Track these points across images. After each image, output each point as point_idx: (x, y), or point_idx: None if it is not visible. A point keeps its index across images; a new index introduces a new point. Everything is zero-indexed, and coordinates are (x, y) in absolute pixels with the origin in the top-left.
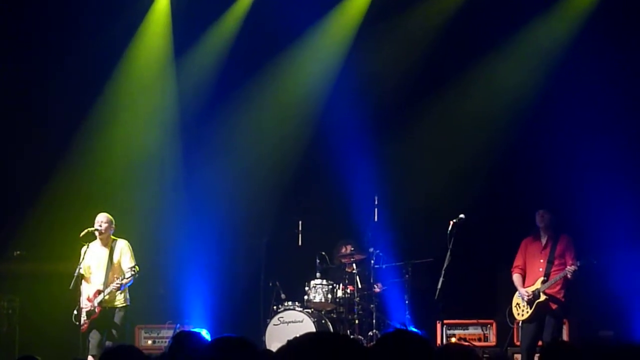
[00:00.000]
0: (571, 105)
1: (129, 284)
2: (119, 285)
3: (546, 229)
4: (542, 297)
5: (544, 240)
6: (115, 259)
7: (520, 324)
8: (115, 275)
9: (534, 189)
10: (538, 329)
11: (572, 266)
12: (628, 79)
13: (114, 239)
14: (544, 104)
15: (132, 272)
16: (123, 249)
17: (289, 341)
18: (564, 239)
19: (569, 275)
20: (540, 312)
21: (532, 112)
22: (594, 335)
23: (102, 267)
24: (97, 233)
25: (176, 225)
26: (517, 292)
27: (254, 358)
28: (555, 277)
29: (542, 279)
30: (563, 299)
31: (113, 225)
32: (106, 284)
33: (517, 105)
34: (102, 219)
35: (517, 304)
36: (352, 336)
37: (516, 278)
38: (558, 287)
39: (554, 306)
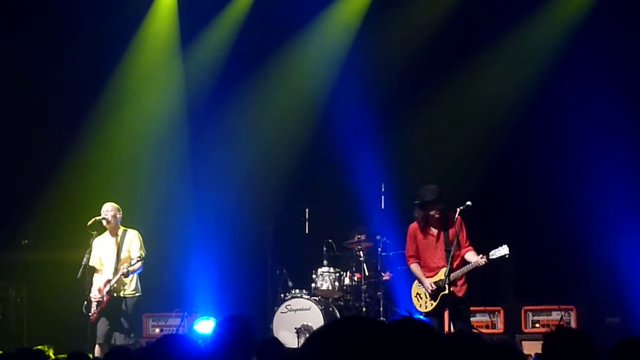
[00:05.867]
0: (576, 95)
1: (138, 271)
2: (125, 271)
3: (441, 217)
4: (447, 290)
5: (438, 228)
6: (124, 249)
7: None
8: (124, 265)
9: (539, 176)
10: (441, 320)
11: (483, 259)
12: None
13: (124, 229)
14: (550, 92)
15: (138, 259)
16: (133, 238)
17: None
18: (455, 222)
19: (479, 264)
20: (445, 303)
21: (538, 100)
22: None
23: (112, 257)
24: (104, 222)
25: (183, 213)
26: (415, 282)
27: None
28: (463, 268)
29: (445, 269)
30: (467, 288)
31: (120, 214)
32: (115, 274)
33: (523, 93)
34: (107, 208)
35: (418, 294)
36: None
37: (416, 267)
38: (463, 279)
39: (460, 294)
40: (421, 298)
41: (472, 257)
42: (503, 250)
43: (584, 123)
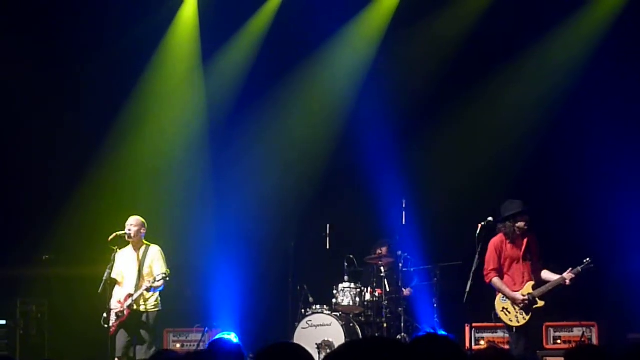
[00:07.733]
0: (596, 110)
1: (160, 289)
2: (148, 287)
3: (526, 231)
4: (540, 303)
5: (522, 243)
6: (146, 265)
7: (513, 330)
8: (147, 280)
9: (560, 192)
10: (528, 335)
11: (571, 274)
12: None
13: (147, 244)
14: (571, 106)
15: (163, 276)
16: (155, 255)
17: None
18: (533, 239)
19: (567, 282)
20: (536, 318)
21: (562, 115)
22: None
23: (134, 272)
24: (126, 237)
25: (204, 228)
26: (499, 296)
27: None
28: (552, 282)
29: (531, 283)
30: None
31: (144, 228)
32: (137, 289)
33: (548, 107)
34: (132, 222)
35: (505, 308)
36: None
37: (499, 281)
38: (549, 293)
39: (543, 310)
40: (509, 312)
41: (552, 275)
42: (585, 264)
43: (605, 139)
